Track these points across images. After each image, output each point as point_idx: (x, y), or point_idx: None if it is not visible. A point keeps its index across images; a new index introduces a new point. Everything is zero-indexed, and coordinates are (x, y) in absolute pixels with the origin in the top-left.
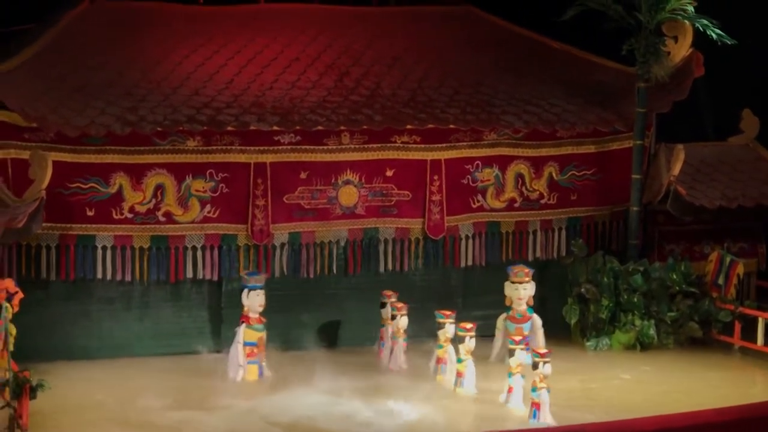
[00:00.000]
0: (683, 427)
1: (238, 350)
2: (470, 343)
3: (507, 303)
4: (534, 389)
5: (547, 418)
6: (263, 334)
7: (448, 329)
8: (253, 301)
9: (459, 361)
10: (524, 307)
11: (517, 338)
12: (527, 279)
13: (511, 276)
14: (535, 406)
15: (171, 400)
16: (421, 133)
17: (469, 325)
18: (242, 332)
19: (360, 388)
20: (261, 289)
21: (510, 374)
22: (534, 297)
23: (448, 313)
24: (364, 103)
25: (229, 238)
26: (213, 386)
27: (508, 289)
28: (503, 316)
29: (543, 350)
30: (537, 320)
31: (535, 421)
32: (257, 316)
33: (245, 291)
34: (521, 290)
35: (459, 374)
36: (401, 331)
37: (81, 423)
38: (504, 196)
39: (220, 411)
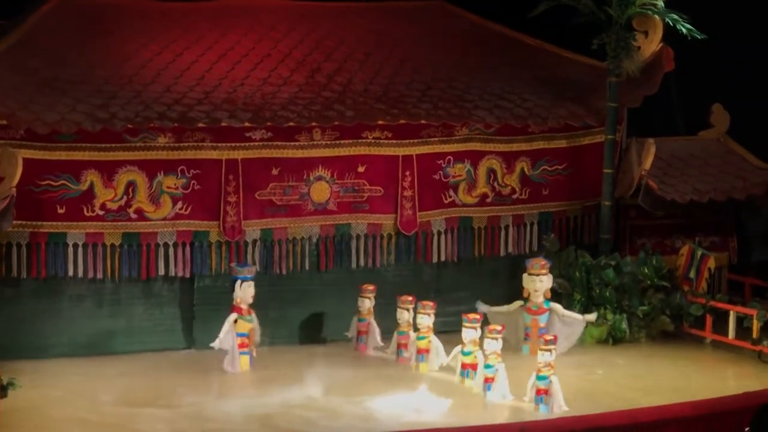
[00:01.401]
0: (656, 421)
1: (233, 341)
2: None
3: (525, 295)
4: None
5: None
6: (253, 325)
7: (473, 333)
8: (246, 292)
9: (488, 366)
10: (541, 299)
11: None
12: (544, 271)
13: (528, 268)
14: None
15: (139, 398)
16: (393, 128)
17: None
18: (232, 322)
19: (331, 384)
20: (252, 280)
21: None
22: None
23: (474, 317)
24: (335, 99)
25: (201, 235)
26: (183, 384)
27: (526, 281)
28: (520, 302)
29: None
30: (556, 308)
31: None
32: (247, 307)
33: (237, 282)
34: (538, 282)
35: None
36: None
37: (49, 422)
38: (476, 191)
39: (186, 408)
